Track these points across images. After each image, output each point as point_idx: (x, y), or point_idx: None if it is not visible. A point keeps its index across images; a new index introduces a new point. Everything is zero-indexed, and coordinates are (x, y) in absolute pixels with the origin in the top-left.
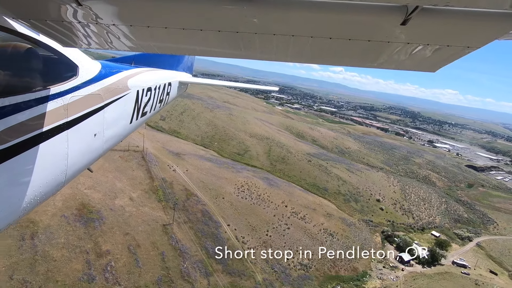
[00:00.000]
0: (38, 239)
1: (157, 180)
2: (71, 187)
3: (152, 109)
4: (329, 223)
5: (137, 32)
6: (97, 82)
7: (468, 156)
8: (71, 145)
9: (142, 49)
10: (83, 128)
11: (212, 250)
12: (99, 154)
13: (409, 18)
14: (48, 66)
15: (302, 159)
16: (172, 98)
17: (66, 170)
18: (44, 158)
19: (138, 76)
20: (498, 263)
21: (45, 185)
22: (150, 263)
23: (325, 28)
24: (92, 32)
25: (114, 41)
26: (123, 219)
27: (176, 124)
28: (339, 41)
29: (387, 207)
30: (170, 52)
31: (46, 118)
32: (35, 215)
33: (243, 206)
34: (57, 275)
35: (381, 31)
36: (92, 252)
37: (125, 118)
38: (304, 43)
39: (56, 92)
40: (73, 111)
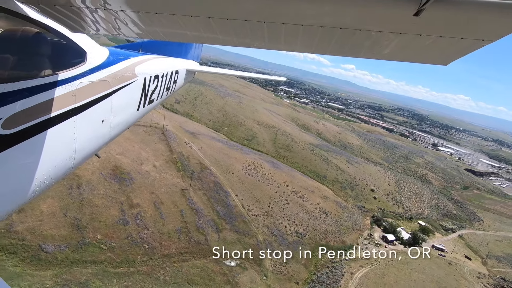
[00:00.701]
0: (82, 189)
1: (175, 153)
2: (105, 151)
3: (159, 96)
4: (324, 204)
5: (145, 19)
6: (105, 68)
7: (469, 161)
8: (79, 130)
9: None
10: (91, 114)
11: (222, 213)
12: (106, 140)
13: (422, 8)
14: (57, 51)
15: (305, 148)
16: (179, 86)
17: (75, 155)
18: (53, 142)
19: (145, 63)
20: (475, 251)
21: (54, 169)
22: (171, 217)
23: (335, 18)
24: (100, 17)
25: (122, 27)
26: (148, 181)
27: (190, 108)
28: (349, 32)
29: (380, 197)
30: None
31: (55, 104)
32: (79, 171)
33: (250, 182)
34: (99, 217)
35: (392, 22)
36: (125, 203)
37: (132, 105)
38: (314, 33)
39: (65, 77)
40: (81, 97)
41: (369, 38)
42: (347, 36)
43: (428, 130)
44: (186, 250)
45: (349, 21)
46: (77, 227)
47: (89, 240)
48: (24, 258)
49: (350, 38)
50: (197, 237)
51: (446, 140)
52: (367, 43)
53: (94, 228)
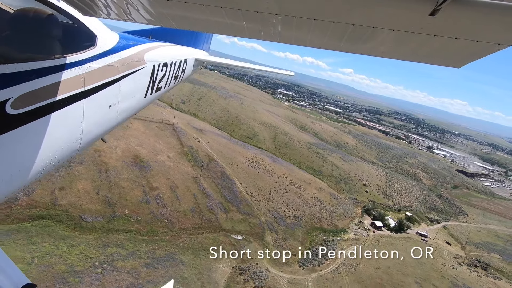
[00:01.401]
0: (110, 173)
1: (186, 146)
2: (125, 143)
3: (166, 84)
4: (319, 194)
5: (156, 5)
6: (115, 53)
7: (462, 163)
8: (86, 114)
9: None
10: (99, 98)
11: (229, 197)
12: (113, 125)
13: (439, 8)
14: (68, 34)
15: (302, 146)
16: (187, 75)
17: (81, 138)
18: (61, 124)
19: (155, 50)
20: (455, 239)
21: (60, 151)
22: (186, 199)
23: (349, 14)
24: (112, 2)
25: (133, 13)
26: (164, 169)
27: (195, 108)
28: (362, 29)
29: (371, 191)
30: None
31: (63, 86)
32: (105, 158)
33: (252, 173)
34: (126, 196)
35: (407, 20)
36: (146, 186)
37: (140, 91)
38: (326, 28)
39: (75, 60)
40: (90, 81)
41: (381, 36)
42: (359, 33)
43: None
44: (200, 226)
45: (362, 18)
46: (108, 203)
47: (119, 214)
48: (69, 225)
49: (362, 35)
50: (208, 216)
51: (441, 143)
52: (379, 42)
53: (122, 205)
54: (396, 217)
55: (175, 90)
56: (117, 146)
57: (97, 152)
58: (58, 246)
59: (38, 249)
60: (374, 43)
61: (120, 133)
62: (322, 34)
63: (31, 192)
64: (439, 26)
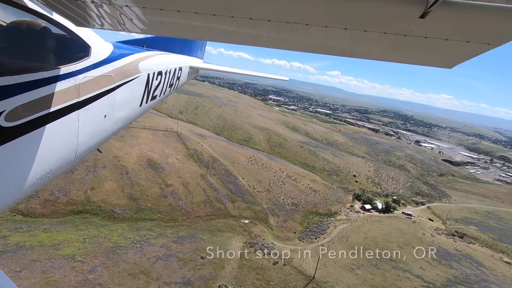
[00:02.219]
0: (130, 174)
1: (191, 150)
2: (138, 149)
3: (162, 93)
4: (314, 185)
5: (149, 15)
6: (109, 63)
7: (449, 154)
8: (81, 124)
9: (154, 32)
10: (94, 108)
11: (234, 190)
12: (109, 135)
13: (428, 11)
14: (62, 45)
15: (295, 145)
16: (182, 83)
17: (77, 149)
18: (56, 136)
19: (149, 59)
20: (438, 216)
21: (56, 162)
22: (197, 192)
23: (341, 18)
24: (105, 12)
25: (127, 22)
26: (175, 169)
27: (192, 116)
28: (354, 32)
29: (361, 180)
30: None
31: (58, 97)
32: (124, 162)
33: (252, 169)
34: (146, 193)
35: (398, 23)
36: (162, 184)
37: (135, 101)
38: (318, 33)
39: (69, 71)
40: (84, 91)
41: (373, 39)
42: (351, 36)
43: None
44: (212, 213)
45: (354, 22)
46: (133, 199)
47: (143, 207)
48: (104, 217)
49: (354, 39)
50: (218, 205)
51: (429, 137)
52: (371, 45)
53: (145, 199)
54: (384, 201)
55: (173, 101)
56: (132, 152)
57: (116, 158)
58: (101, 231)
59: (86, 233)
60: (367, 46)
61: (132, 141)
62: (314, 38)
63: (68, 192)
64: (430, 28)
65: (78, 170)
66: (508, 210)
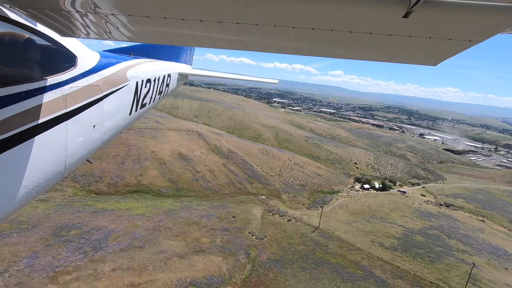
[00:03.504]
0: (167, 164)
1: (211, 145)
2: (169, 145)
3: (151, 100)
4: (318, 171)
5: (136, 22)
6: (96, 73)
7: (452, 144)
8: (70, 136)
9: (141, 40)
10: (82, 119)
11: (251, 174)
12: (98, 145)
13: (411, 10)
14: (46, 56)
15: (301, 140)
16: (171, 89)
17: (66, 161)
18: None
19: (137, 67)
20: (430, 193)
21: (44, 176)
22: (221, 177)
23: (326, 20)
24: (90, 21)
25: (113, 31)
26: (201, 160)
27: (206, 119)
28: (340, 34)
29: (361, 167)
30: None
31: (45, 109)
32: (160, 155)
33: (264, 159)
34: (182, 177)
35: (382, 24)
36: (193, 171)
37: (125, 109)
38: (305, 35)
39: (55, 82)
40: (72, 102)
41: (359, 40)
42: (338, 38)
43: (417, 123)
44: (235, 192)
45: (339, 24)
46: (172, 181)
47: (181, 187)
48: (153, 194)
49: (341, 40)
50: (239, 186)
51: (433, 130)
52: (357, 45)
53: (181, 182)
54: (381, 181)
55: (187, 106)
56: (165, 148)
57: (153, 152)
58: (155, 202)
59: (146, 203)
60: (354, 47)
61: (163, 140)
62: (302, 41)
63: (123, 178)
64: (413, 27)
65: (127, 162)
66: (498, 187)
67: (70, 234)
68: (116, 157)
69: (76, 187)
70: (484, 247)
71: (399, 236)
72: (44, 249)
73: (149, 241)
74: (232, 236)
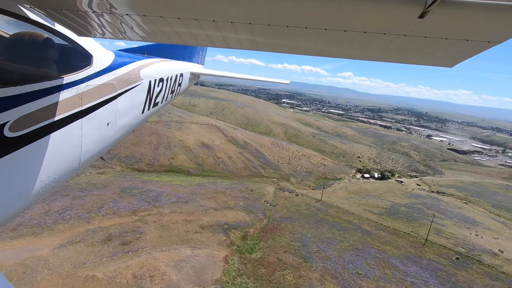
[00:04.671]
0: (192, 151)
1: (228, 137)
2: (193, 136)
3: (163, 99)
4: (324, 162)
5: (150, 23)
6: (111, 72)
7: (458, 145)
8: (85, 133)
9: (154, 39)
10: (96, 117)
11: (264, 162)
12: (112, 143)
13: (427, 11)
14: (63, 55)
15: (308, 135)
16: (183, 89)
17: (80, 158)
18: (59, 145)
19: (150, 66)
20: (426, 184)
21: (59, 171)
22: (238, 162)
23: (340, 21)
24: (106, 21)
25: (128, 31)
26: (221, 148)
27: (221, 116)
28: (353, 34)
29: (363, 160)
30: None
31: (61, 106)
32: (187, 144)
33: (275, 149)
34: (205, 162)
35: (397, 24)
36: (215, 157)
37: (137, 108)
38: (318, 36)
39: (71, 81)
40: (87, 100)
41: (373, 40)
42: (351, 38)
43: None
44: (251, 174)
45: (353, 24)
46: (198, 164)
47: (206, 169)
48: (184, 173)
49: (354, 40)
50: (254, 170)
51: (442, 131)
52: (371, 46)
53: (206, 165)
54: (380, 172)
55: (203, 105)
56: (189, 138)
57: (181, 141)
58: (187, 178)
59: (180, 179)
60: (366, 47)
61: (187, 131)
62: (314, 41)
63: (158, 160)
64: (429, 28)
65: (160, 148)
66: (492, 181)
67: (133, 192)
68: (150, 144)
69: (122, 166)
70: (456, 216)
71: (386, 207)
72: (119, 198)
73: (190, 199)
74: (251, 202)
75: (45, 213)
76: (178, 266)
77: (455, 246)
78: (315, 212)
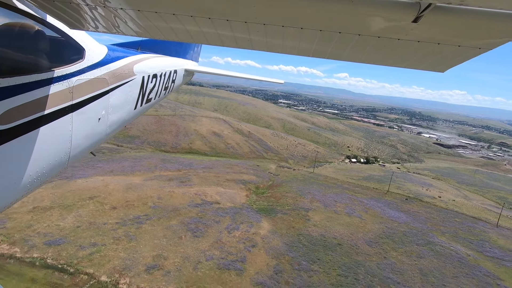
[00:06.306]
0: (206, 138)
1: (235, 128)
2: (205, 127)
3: (157, 96)
4: (317, 149)
5: (144, 18)
6: (103, 66)
7: (444, 141)
8: (75, 127)
9: (149, 35)
10: (87, 111)
11: (266, 147)
12: (102, 138)
13: (421, 15)
14: (55, 47)
15: (304, 129)
16: (177, 86)
17: (70, 152)
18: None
19: (144, 62)
20: (405, 168)
21: (48, 165)
22: (245, 148)
23: (335, 22)
24: (99, 15)
25: (122, 25)
26: (229, 136)
27: (225, 112)
28: (348, 36)
29: (352, 150)
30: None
31: (51, 100)
32: (201, 133)
33: (275, 139)
34: (218, 146)
35: (391, 28)
36: (225, 143)
37: (130, 103)
38: (313, 37)
39: (62, 74)
40: (78, 94)
41: (367, 43)
42: (346, 40)
43: (417, 123)
44: (256, 157)
45: (348, 26)
46: (212, 148)
47: (219, 152)
48: (201, 154)
49: (348, 42)
50: (258, 154)
51: (432, 129)
52: (365, 48)
53: (218, 149)
54: (365, 157)
55: (208, 102)
56: (202, 128)
57: (196, 130)
58: (205, 157)
59: (200, 157)
60: (361, 50)
61: (199, 123)
62: (309, 42)
63: (179, 145)
64: (422, 33)
65: (179, 135)
66: (466, 167)
67: (171, 161)
68: (171, 132)
69: (152, 148)
70: (419, 182)
71: (364, 176)
72: (164, 164)
73: (214, 166)
74: (259, 172)
75: (121, 167)
76: (218, 193)
77: (407, 194)
78: (308, 178)
